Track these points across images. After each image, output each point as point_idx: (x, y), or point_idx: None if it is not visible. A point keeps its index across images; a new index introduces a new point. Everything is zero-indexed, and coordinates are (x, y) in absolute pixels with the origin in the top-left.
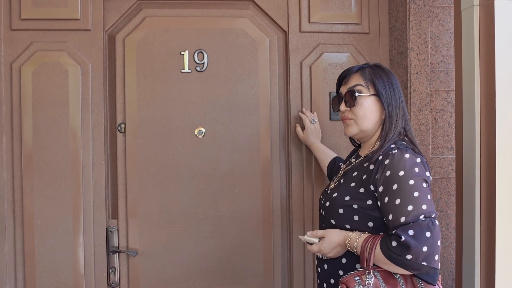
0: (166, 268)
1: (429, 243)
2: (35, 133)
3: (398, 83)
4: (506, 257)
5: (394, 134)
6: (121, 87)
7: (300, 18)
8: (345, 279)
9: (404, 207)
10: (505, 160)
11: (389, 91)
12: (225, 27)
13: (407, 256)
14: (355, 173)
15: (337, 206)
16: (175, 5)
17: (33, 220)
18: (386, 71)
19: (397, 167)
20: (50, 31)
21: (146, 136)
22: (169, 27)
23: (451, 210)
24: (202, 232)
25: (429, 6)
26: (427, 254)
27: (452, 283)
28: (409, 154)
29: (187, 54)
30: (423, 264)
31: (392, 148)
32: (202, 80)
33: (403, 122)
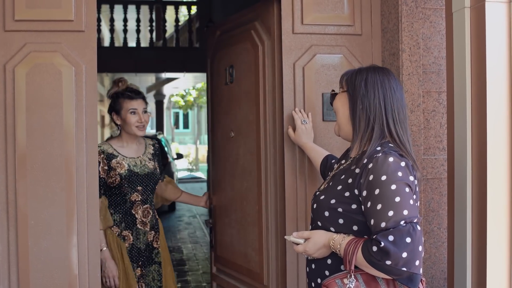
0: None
1: (409, 249)
2: (28, 134)
3: (388, 84)
4: (497, 257)
5: (368, 133)
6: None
7: (293, 19)
8: (327, 282)
9: (385, 212)
10: (496, 161)
11: (358, 86)
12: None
13: (387, 262)
14: (343, 176)
15: (323, 208)
16: None
17: (27, 221)
18: (371, 71)
19: (379, 172)
20: (43, 32)
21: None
22: None
23: (442, 210)
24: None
25: (421, 8)
26: (407, 260)
27: (444, 282)
28: (393, 157)
29: None
30: (403, 270)
31: (377, 151)
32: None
33: (386, 124)
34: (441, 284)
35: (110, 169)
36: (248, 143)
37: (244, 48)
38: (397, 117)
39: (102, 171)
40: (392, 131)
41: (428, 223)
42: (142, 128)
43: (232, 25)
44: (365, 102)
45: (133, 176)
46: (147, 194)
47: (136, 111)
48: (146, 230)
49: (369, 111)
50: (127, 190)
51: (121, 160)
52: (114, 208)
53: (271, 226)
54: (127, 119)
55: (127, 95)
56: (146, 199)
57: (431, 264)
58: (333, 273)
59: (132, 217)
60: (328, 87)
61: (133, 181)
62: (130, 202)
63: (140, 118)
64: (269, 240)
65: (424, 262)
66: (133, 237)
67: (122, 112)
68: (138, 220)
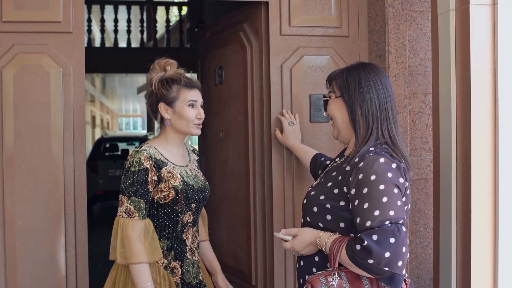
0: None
1: (392, 249)
2: (16, 135)
3: (380, 83)
4: (481, 256)
5: (368, 135)
6: None
7: (281, 21)
8: (311, 278)
9: (371, 212)
10: (480, 162)
11: (353, 91)
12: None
13: (369, 261)
14: (334, 173)
15: (312, 204)
16: None
17: (15, 222)
18: (360, 70)
19: (369, 171)
20: (31, 34)
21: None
22: None
23: (429, 210)
24: None
25: (407, 10)
26: (389, 260)
27: (430, 282)
28: (384, 158)
29: None
30: (385, 270)
31: (369, 151)
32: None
33: (381, 125)
34: (427, 284)
35: (159, 181)
36: (237, 144)
37: (233, 49)
38: (390, 116)
39: (150, 182)
40: (388, 131)
41: (415, 223)
42: (199, 126)
43: (222, 26)
44: (364, 107)
45: (189, 190)
46: (198, 213)
47: (195, 104)
48: (194, 260)
49: (368, 115)
50: (182, 208)
51: (172, 169)
52: (161, 232)
53: (259, 226)
54: (184, 112)
55: (185, 82)
56: (196, 220)
57: (417, 264)
58: (320, 270)
59: (183, 244)
60: (315, 89)
61: (189, 196)
62: (182, 224)
63: (199, 112)
64: (257, 241)
65: (411, 262)
66: (183, 269)
67: (177, 104)
68: (188, 248)
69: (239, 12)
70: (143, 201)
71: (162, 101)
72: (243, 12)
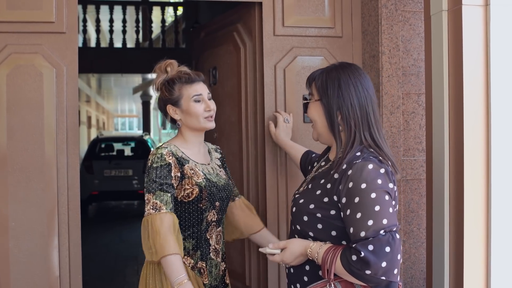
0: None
1: (388, 258)
2: (9, 135)
3: (361, 86)
4: (474, 256)
5: (352, 140)
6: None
7: (274, 21)
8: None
9: (364, 222)
10: (473, 162)
11: (332, 95)
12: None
13: (367, 272)
14: (322, 180)
15: (302, 213)
16: None
17: (8, 223)
18: (341, 73)
19: (359, 179)
20: (24, 34)
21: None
22: None
23: (422, 210)
24: None
25: (400, 11)
26: (387, 269)
27: (423, 282)
28: (373, 164)
29: None
30: (382, 279)
31: (357, 157)
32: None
33: (363, 129)
34: (421, 284)
35: (182, 177)
36: (231, 144)
37: (227, 50)
38: (372, 119)
39: (174, 178)
40: (370, 136)
41: (408, 224)
42: (211, 118)
43: (216, 27)
44: (344, 111)
45: (213, 187)
46: (222, 213)
47: (201, 97)
48: (218, 262)
49: (349, 120)
50: (206, 205)
51: (194, 166)
52: (186, 231)
53: None
54: (191, 109)
55: (186, 78)
56: (220, 219)
57: (410, 264)
58: (311, 278)
59: (207, 243)
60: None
61: (213, 193)
62: (207, 223)
63: (207, 105)
64: (250, 241)
65: (404, 262)
66: (212, 270)
67: (183, 102)
68: (211, 248)
69: (233, 13)
70: (169, 195)
71: (168, 103)
72: (237, 13)
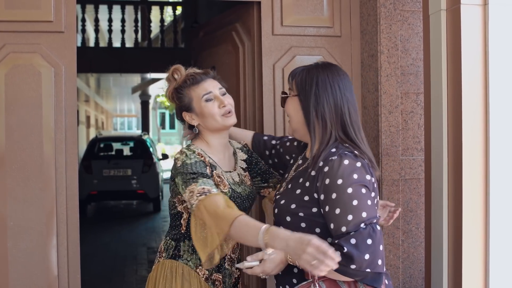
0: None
1: (371, 250)
2: (8, 135)
3: (338, 87)
4: (472, 256)
5: (327, 138)
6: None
7: (273, 21)
8: None
9: (344, 217)
10: (471, 161)
11: (309, 92)
12: None
13: (351, 266)
14: (301, 179)
15: (284, 214)
16: None
17: (6, 222)
18: (320, 72)
19: (335, 175)
20: (23, 33)
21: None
22: None
23: (421, 210)
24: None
25: (399, 10)
26: (370, 261)
27: (422, 281)
28: (348, 159)
29: None
30: (367, 271)
31: (332, 153)
32: None
33: (338, 129)
34: (419, 284)
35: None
36: None
37: (225, 49)
38: (348, 119)
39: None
40: (346, 134)
41: (407, 223)
42: (229, 114)
43: (215, 26)
44: (319, 109)
45: (237, 198)
46: None
47: (212, 95)
48: (232, 271)
49: (325, 118)
50: None
51: (221, 173)
52: None
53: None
54: (204, 110)
55: (191, 80)
56: None
57: (409, 264)
58: (300, 281)
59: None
60: None
61: (237, 204)
62: None
63: (221, 101)
64: None
65: (403, 262)
66: (225, 282)
67: (195, 105)
68: (227, 257)
69: (232, 12)
70: (212, 182)
71: (183, 111)
72: (236, 12)
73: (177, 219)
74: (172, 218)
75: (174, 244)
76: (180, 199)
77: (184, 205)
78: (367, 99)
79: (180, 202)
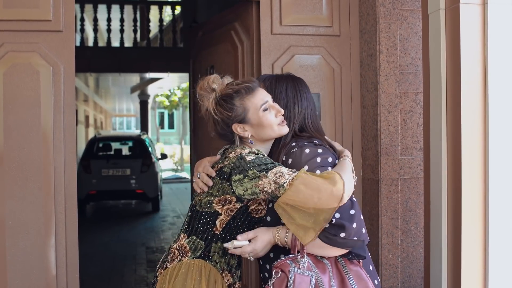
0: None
1: (356, 219)
2: (6, 134)
3: (304, 92)
4: (471, 255)
5: (287, 137)
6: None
7: (272, 20)
8: (279, 263)
9: None
10: (470, 160)
11: (279, 97)
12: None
13: (341, 235)
14: None
15: (266, 214)
16: None
17: (4, 222)
18: (289, 83)
19: (300, 163)
20: (21, 32)
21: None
22: None
23: (420, 209)
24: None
25: (398, 10)
26: (357, 229)
27: (421, 281)
28: (309, 148)
29: None
30: (355, 240)
31: (293, 146)
32: None
33: (296, 126)
34: (419, 283)
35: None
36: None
37: (224, 48)
38: (309, 122)
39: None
40: (307, 128)
41: (406, 223)
42: (283, 123)
43: (213, 25)
44: (285, 114)
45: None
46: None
47: (268, 104)
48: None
49: (287, 119)
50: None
51: None
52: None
53: None
54: (263, 121)
55: (245, 89)
56: None
57: (408, 263)
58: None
59: (241, 263)
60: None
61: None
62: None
63: (277, 109)
64: None
65: (402, 261)
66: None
67: (251, 116)
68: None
69: (231, 11)
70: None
71: (234, 122)
72: (235, 11)
73: (209, 218)
74: (201, 217)
75: (203, 244)
76: (228, 198)
77: (226, 207)
78: (366, 98)
79: (222, 202)
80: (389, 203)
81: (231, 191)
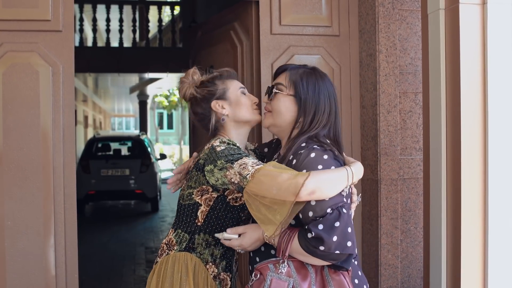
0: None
1: (338, 232)
2: (5, 134)
3: (330, 91)
4: (471, 254)
5: (301, 135)
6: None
7: (271, 20)
8: (260, 266)
9: (309, 203)
10: (470, 161)
11: (311, 96)
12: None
13: (321, 248)
14: None
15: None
16: None
17: (3, 222)
18: (317, 77)
19: (302, 166)
20: (20, 32)
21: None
22: None
23: (419, 209)
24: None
25: (397, 10)
26: (338, 243)
27: (420, 281)
28: (315, 152)
29: None
30: (336, 253)
31: (301, 147)
32: None
33: (321, 129)
34: (418, 283)
35: None
36: None
37: (223, 48)
38: (332, 130)
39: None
40: (330, 136)
41: (405, 223)
42: (258, 109)
43: (213, 25)
44: (316, 117)
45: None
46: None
47: (246, 91)
48: (234, 271)
49: (317, 118)
50: (247, 216)
51: None
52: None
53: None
54: (241, 99)
55: (227, 74)
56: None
57: (407, 263)
58: (263, 259)
59: (232, 253)
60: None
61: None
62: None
63: (253, 98)
64: None
65: (401, 261)
66: (231, 283)
67: (230, 94)
68: (234, 258)
69: (230, 11)
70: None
71: (213, 99)
72: (234, 11)
73: (191, 210)
74: (184, 210)
75: (188, 237)
76: (204, 188)
77: (204, 197)
78: (365, 98)
79: (200, 193)
80: (388, 203)
81: (206, 181)
